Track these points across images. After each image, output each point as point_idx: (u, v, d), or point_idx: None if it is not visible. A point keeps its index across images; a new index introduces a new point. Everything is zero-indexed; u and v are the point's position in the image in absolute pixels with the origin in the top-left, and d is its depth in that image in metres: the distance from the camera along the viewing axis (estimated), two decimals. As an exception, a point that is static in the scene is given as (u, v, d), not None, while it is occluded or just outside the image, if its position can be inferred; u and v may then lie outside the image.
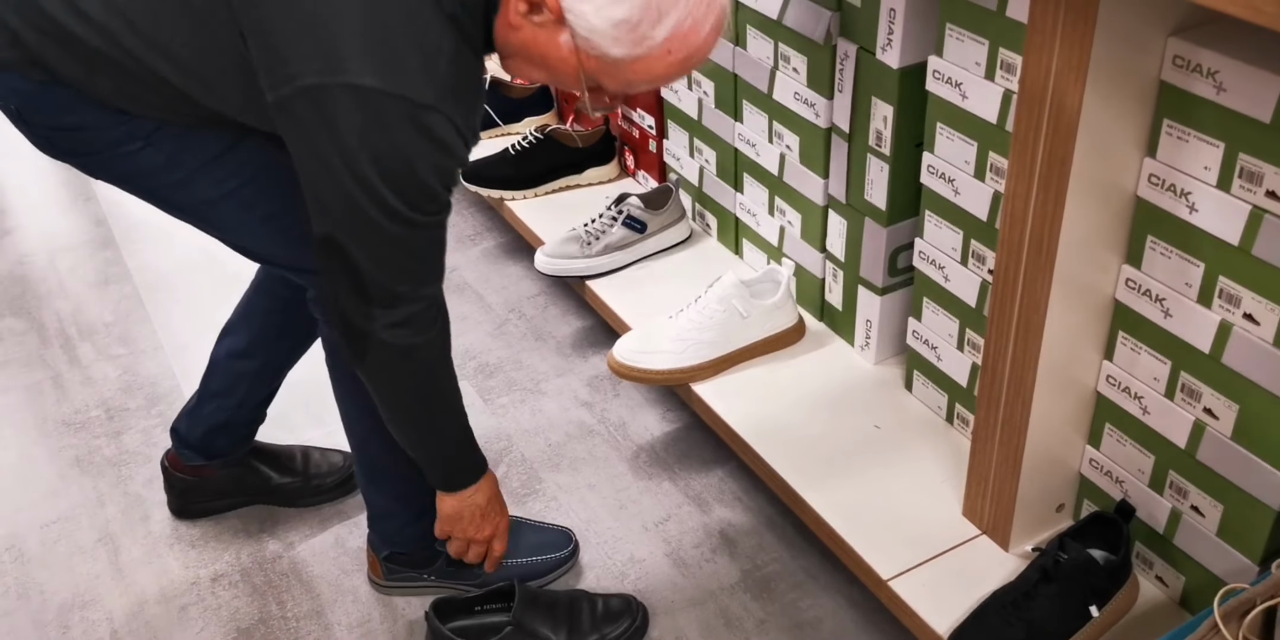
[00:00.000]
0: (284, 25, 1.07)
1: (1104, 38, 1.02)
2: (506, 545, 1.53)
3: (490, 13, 1.12)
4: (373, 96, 1.06)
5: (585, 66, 1.11)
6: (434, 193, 1.15)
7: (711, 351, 1.71)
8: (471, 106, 1.16)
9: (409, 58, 1.07)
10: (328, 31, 1.06)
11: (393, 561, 1.59)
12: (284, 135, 1.13)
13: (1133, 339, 1.26)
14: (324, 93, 1.06)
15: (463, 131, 1.13)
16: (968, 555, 1.45)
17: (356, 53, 1.06)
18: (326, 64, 1.06)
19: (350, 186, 1.10)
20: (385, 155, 1.09)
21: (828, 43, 1.50)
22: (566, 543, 1.64)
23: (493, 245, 2.31)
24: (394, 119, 1.07)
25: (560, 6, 1.07)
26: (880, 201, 1.56)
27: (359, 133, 1.07)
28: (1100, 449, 1.37)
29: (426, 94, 1.08)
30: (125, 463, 1.86)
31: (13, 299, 2.25)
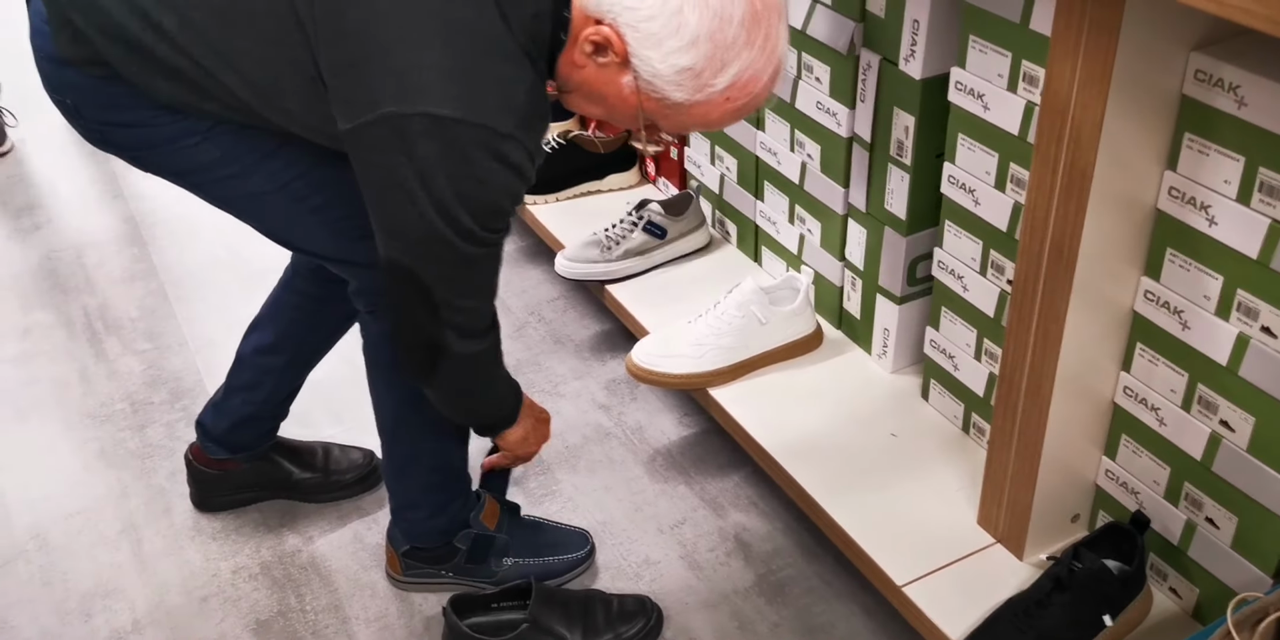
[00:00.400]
0: (365, 55, 1.10)
1: (1126, 52, 1.03)
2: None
3: (555, 49, 1.14)
4: (452, 125, 1.09)
5: (644, 107, 1.14)
6: (505, 212, 1.19)
7: (730, 357, 1.72)
8: (541, 131, 1.19)
9: (489, 89, 1.10)
10: (409, 62, 1.08)
11: (411, 557, 1.61)
12: (356, 160, 1.15)
13: (1150, 351, 1.27)
14: (405, 120, 1.09)
15: (533, 155, 1.17)
16: (982, 563, 1.46)
17: (437, 84, 1.08)
18: (407, 93, 1.08)
19: (427, 209, 1.13)
20: (463, 180, 1.12)
21: (850, 53, 1.51)
22: (583, 544, 1.65)
23: (513, 249, 2.33)
24: (473, 146, 1.10)
25: (626, 50, 1.10)
26: (900, 211, 1.57)
27: (439, 159, 1.10)
28: (1116, 460, 1.38)
29: (506, 123, 1.11)
30: (149, 456, 1.88)
31: (41, 293, 2.29)
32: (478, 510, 1.58)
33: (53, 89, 1.27)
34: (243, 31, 1.15)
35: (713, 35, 1.07)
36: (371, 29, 1.09)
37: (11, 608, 1.63)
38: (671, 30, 1.07)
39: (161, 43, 1.16)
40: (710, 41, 1.08)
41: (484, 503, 1.59)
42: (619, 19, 1.08)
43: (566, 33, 1.12)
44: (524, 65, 1.12)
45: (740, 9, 1.07)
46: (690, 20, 1.06)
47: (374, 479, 1.79)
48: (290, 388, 1.68)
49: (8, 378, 2.06)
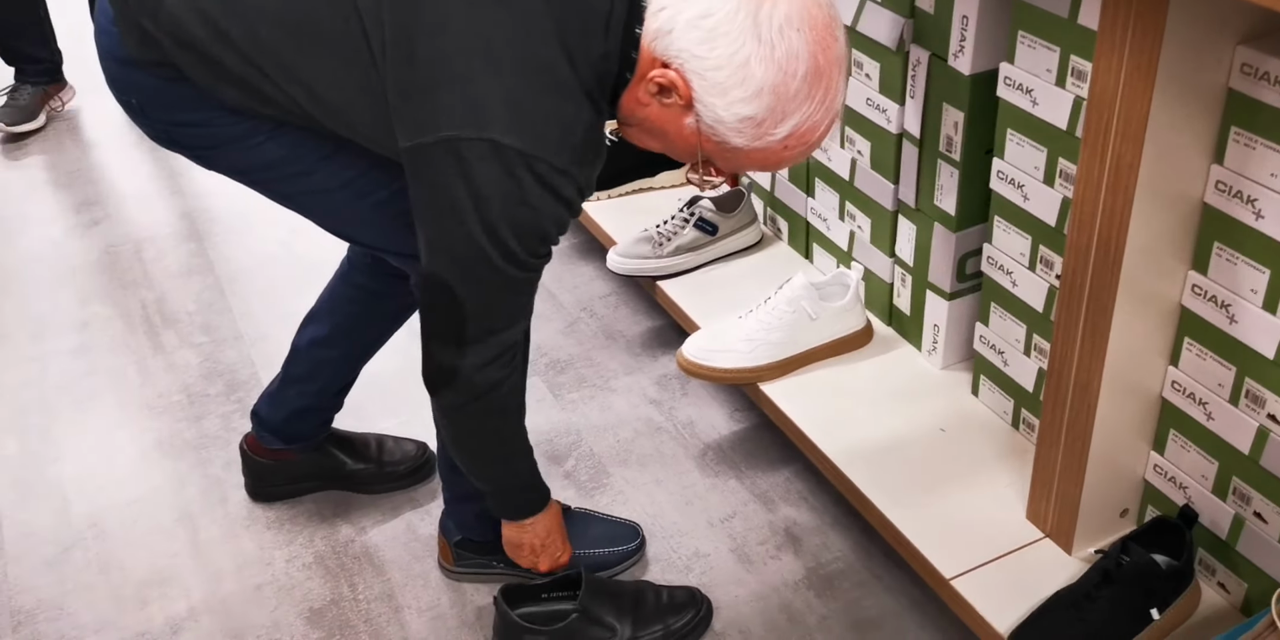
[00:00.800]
0: (434, 82, 1.14)
1: (1172, 45, 1.03)
2: (570, 557, 1.57)
3: (620, 86, 1.18)
4: (513, 154, 1.13)
5: (704, 147, 1.18)
6: (549, 240, 1.23)
7: (780, 352, 1.74)
8: (595, 168, 1.23)
9: (550, 125, 1.15)
10: (478, 93, 1.13)
11: (463, 548, 1.64)
12: (412, 176, 1.20)
13: (1198, 345, 1.27)
14: (466, 145, 1.13)
15: (583, 190, 1.21)
16: (1030, 557, 1.47)
17: (502, 115, 1.13)
18: (472, 120, 1.13)
19: (476, 230, 1.17)
20: (515, 206, 1.16)
21: (900, 49, 1.52)
22: (634, 537, 1.68)
23: (566, 245, 2.37)
24: (529, 176, 1.14)
25: (691, 96, 1.13)
26: (950, 207, 1.58)
27: (495, 185, 1.14)
28: (1164, 455, 1.38)
29: (563, 159, 1.15)
30: (205, 446, 1.94)
31: (100, 287, 2.36)
32: None
33: (119, 89, 1.32)
34: (311, 49, 1.19)
35: (776, 88, 1.11)
36: (442, 58, 1.13)
37: (69, 595, 1.69)
38: (737, 81, 1.10)
39: (229, 52, 1.20)
40: (773, 94, 1.11)
41: None
42: (686, 65, 1.12)
43: (632, 72, 1.16)
44: (584, 105, 1.16)
45: (805, 65, 1.10)
46: (756, 73, 1.10)
47: (427, 470, 1.83)
48: (345, 380, 1.72)
49: (67, 370, 2.13)
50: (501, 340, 1.29)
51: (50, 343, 2.20)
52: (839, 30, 1.14)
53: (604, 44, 1.14)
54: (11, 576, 1.72)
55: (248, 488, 1.82)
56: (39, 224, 2.57)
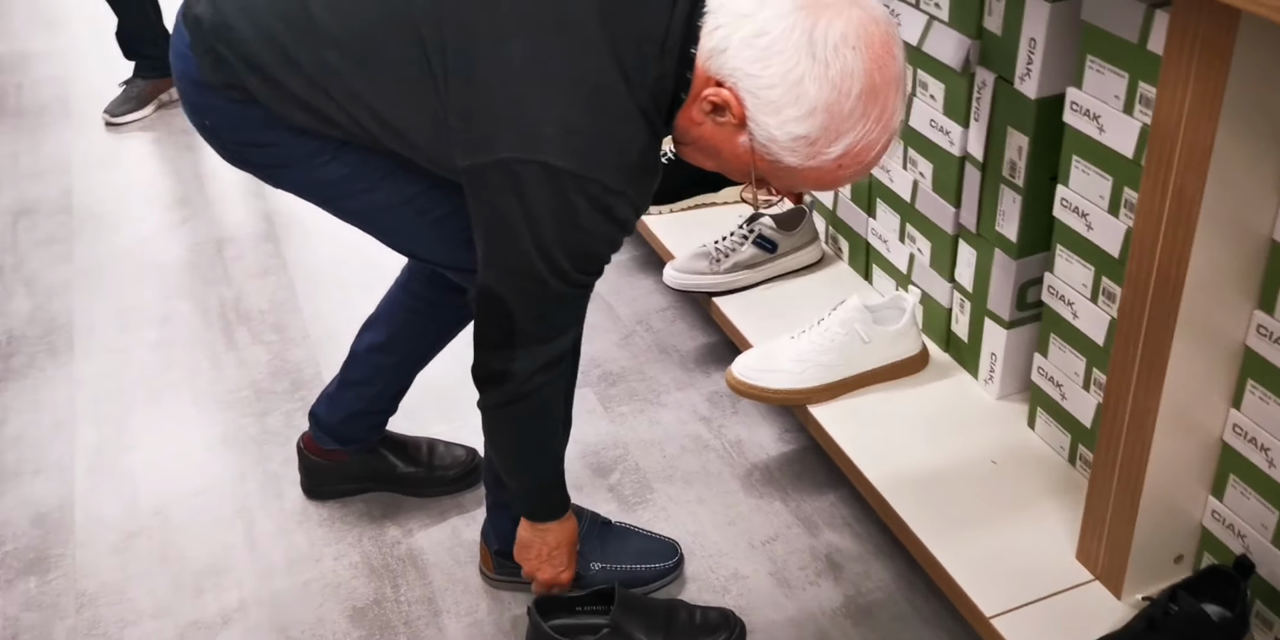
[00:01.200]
0: (492, 103, 1.15)
1: (1240, 74, 0.99)
2: (569, 583, 1.56)
3: (675, 105, 1.18)
4: (566, 177, 1.13)
5: (757, 166, 1.17)
6: (601, 259, 1.23)
7: (831, 374, 1.71)
8: (650, 188, 1.23)
9: (605, 147, 1.15)
10: (533, 115, 1.14)
11: (503, 556, 1.64)
12: (470, 195, 1.21)
13: (1261, 388, 1.21)
14: (522, 166, 1.14)
15: (638, 209, 1.21)
16: (1077, 599, 1.42)
17: (557, 138, 1.13)
18: (527, 143, 1.14)
19: (529, 248, 1.18)
20: (567, 226, 1.17)
21: (966, 71, 1.49)
22: (672, 554, 1.66)
23: (627, 258, 2.36)
24: (582, 198, 1.15)
25: (745, 114, 1.12)
26: (1011, 233, 1.54)
27: (548, 206, 1.15)
28: (1223, 500, 1.32)
29: (618, 181, 1.16)
30: (267, 442, 1.97)
31: (182, 283, 2.42)
32: None
33: (193, 111, 1.35)
34: (376, 73, 1.21)
35: (830, 107, 1.09)
36: (500, 82, 1.14)
37: (130, 580, 1.73)
38: (790, 100, 1.09)
39: (297, 76, 1.23)
40: (827, 113, 1.09)
41: None
42: (740, 84, 1.11)
43: (687, 92, 1.15)
44: (640, 125, 1.16)
45: (860, 83, 1.08)
46: (810, 91, 1.08)
47: (475, 476, 1.84)
48: (400, 385, 1.73)
49: (146, 362, 2.19)
50: (551, 348, 1.30)
51: (133, 335, 2.26)
52: (897, 48, 1.12)
53: (660, 66, 1.14)
54: (79, 560, 1.76)
55: (303, 485, 1.85)
56: (132, 221, 2.65)
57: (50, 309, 2.35)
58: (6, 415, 2.07)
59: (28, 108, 3.19)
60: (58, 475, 1.93)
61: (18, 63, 3.45)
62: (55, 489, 1.90)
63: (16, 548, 1.80)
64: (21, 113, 3.16)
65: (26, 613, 1.68)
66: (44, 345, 2.25)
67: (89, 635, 1.64)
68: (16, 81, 3.34)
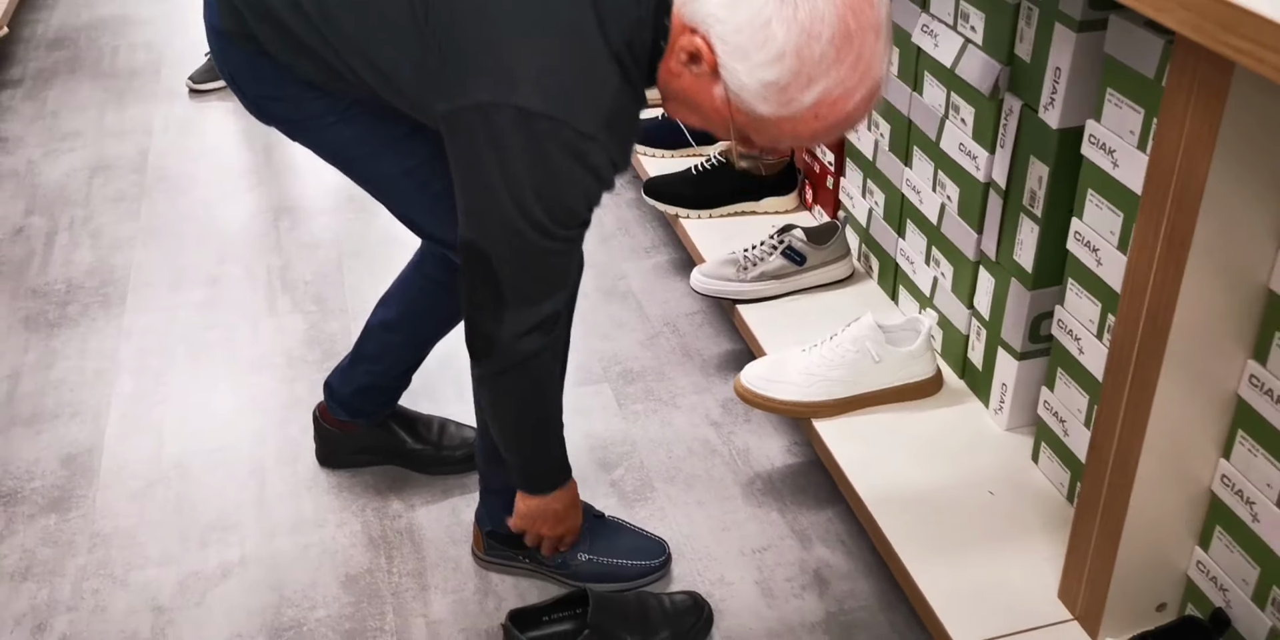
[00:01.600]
0: (470, 47, 1.18)
1: (1235, 115, 0.97)
2: (577, 538, 1.58)
3: (656, 57, 1.18)
4: (538, 120, 1.14)
5: (735, 119, 1.16)
6: (578, 213, 1.23)
7: (838, 390, 1.71)
8: (626, 138, 1.23)
9: (576, 89, 1.16)
10: (507, 57, 1.15)
11: (494, 538, 1.67)
12: (449, 143, 1.23)
13: (1250, 440, 1.19)
14: (495, 110, 1.16)
15: (615, 161, 1.21)
16: (1053, 638, 1.40)
17: (529, 79, 1.15)
18: (501, 85, 1.15)
19: (504, 198, 1.19)
20: (541, 174, 1.18)
21: (994, 96, 1.48)
22: (660, 553, 1.67)
23: (664, 260, 2.38)
24: (553, 143, 1.16)
25: (716, 61, 1.12)
26: (1027, 263, 1.52)
27: (520, 150, 1.16)
28: (1209, 552, 1.29)
29: (588, 124, 1.16)
30: (291, 407, 2.03)
31: (237, 248, 2.50)
32: None
33: (218, 61, 1.41)
34: (367, 19, 1.25)
35: (799, 51, 1.07)
36: (475, 24, 1.16)
37: (143, 527, 1.80)
38: (758, 43, 1.07)
39: (300, 22, 1.28)
40: (796, 57, 1.07)
41: None
42: (710, 30, 1.10)
43: (666, 40, 1.15)
44: (613, 70, 1.16)
45: (831, 27, 1.06)
46: (778, 34, 1.07)
47: None
48: (408, 363, 1.77)
49: (191, 321, 2.27)
50: (539, 310, 1.30)
51: (183, 294, 2.35)
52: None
53: (637, 9, 1.15)
54: (99, 502, 1.84)
55: (318, 453, 1.90)
56: (199, 186, 2.75)
57: (111, 262, 2.45)
58: (54, 359, 2.17)
59: (121, 70, 3.32)
60: (92, 421, 2.02)
61: (119, 27, 3.59)
62: (87, 433, 1.99)
63: (43, 485, 1.88)
64: (115, 74, 3.29)
65: (43, 547, 1.76)
66: (99, 297, 2.34)
67: (96, 575, 1.72)
68: (115, 44, 3.48)
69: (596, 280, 2.34)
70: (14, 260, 2.47)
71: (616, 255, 2.42)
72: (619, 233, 2.50)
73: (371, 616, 1.64)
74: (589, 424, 1.97)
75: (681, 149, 2.38)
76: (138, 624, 1.64)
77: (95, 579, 1.71)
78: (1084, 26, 1.29)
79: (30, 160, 2.87)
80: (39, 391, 2.08)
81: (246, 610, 1.65)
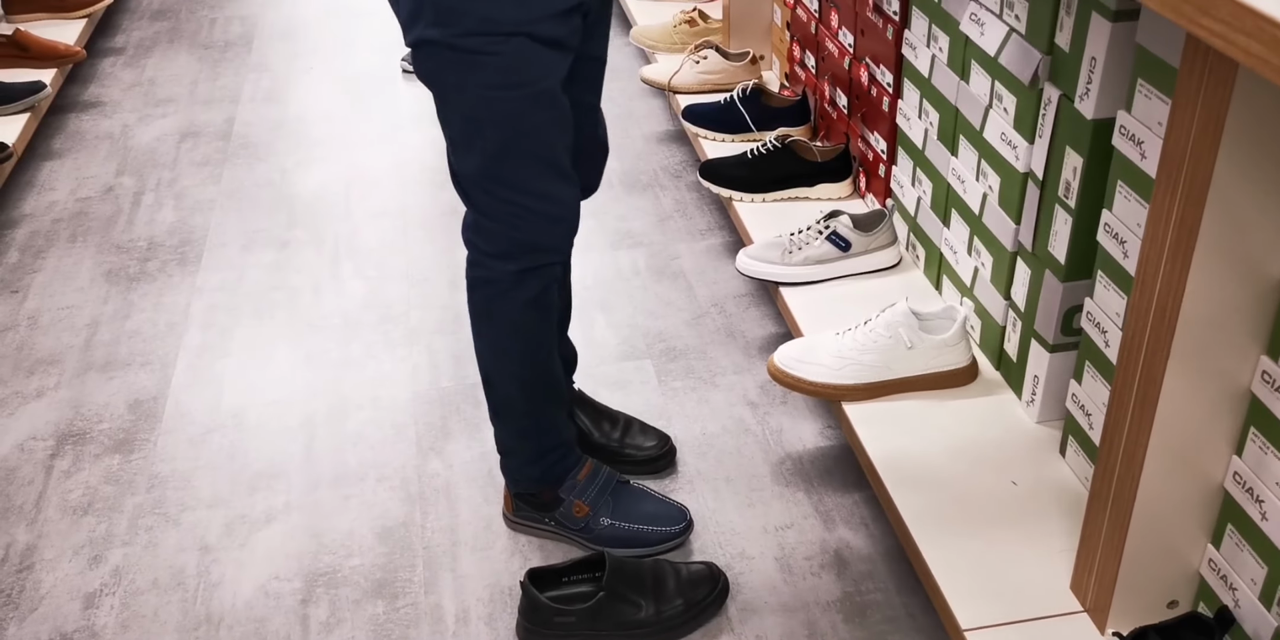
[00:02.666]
0: None
1: (1243, 105, 0.97)
2: None
3: None
4: None
5: None
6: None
7: (869, 375, 1.73)
8: None
9: None
10: None
11: (520, 499, 1.72)
12: None
13: (1262, 437, 1.18)
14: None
15: None
16: (1060, 628, 1.40)
17: None
18: None
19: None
20: None
21: (1034, 86, 1.48)
22: (681, 519, 1.70)
23: (718, 242, 2.41)
24: None
25: None
26: (1060, 254, 1.52)
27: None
28: (1220, 549, 1.29)
29: None
30: (344, 366, 2.12)
31: (308, 214, 2.60)
32: (578, 468, 1.67)
33: None
34: None
35: None
36: None
37: (198, 471, 1.90)
38: None
39: None
40: None
41: (584, 461, 1.69)
42: None
43: None
44: None
45: None
46: None
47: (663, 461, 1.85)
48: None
49: (259, 281, 2.37)
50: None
51: (254, 256, 2.45)
52: None
53: None
54: (160, 446, 1.95)
55: None
56: (277, 154, 2.87)
57: (190, 223, 2.57)
58: (131, 311, 2.28)
59: (216, 41, 3.46)
60: (160, 370, 2.12)
61: (218, 0, 3.73)
62: (155, 381, 2.09)
63: (111, 427, 1.99)
64: (210, 45, 3.43)
65: (105, 485, 1.87)
66: (177, 255, 2.46)
67: (152, 513, 1.82)
68: (213, 17, 3.62)
69: (650, 259, 2.38)
70: (102, 217, 2.60)
71: (672, 236, 2.46)
72: (676, 214, 2.54)
73: (402, 568, 1.71)
74: (626, 397, 2.01)
75: (742, 133, 2.41)
76: (185, 561, 1.73)
77: (150, 517, 1.81)
78: (1119, 16, 1.29)
79: (125, 124, 3.01)
80: (114, 340, 2.20)
81: (285, 554, 1.74)
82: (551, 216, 1.46)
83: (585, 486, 1.67)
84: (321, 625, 1.62)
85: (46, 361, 2.15)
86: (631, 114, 2.97)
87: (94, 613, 1.65)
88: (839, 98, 2.22)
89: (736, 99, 2.42)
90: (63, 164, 2.82)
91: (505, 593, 1.66)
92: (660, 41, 2.87)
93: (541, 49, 1.33)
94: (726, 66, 2.63)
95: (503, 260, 1.48)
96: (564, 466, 1.67)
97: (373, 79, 3.20)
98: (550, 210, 1.45)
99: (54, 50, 2.96)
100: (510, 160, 1.40)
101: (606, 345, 2.15)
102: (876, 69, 2.03)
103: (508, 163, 1.40)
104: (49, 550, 1.75)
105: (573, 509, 1.68)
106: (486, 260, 1.49)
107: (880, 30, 1.98)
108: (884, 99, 2.01)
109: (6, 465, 1.91)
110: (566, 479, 1.67)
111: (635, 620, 1.55)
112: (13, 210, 2.63)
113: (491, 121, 1.37)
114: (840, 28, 2.17)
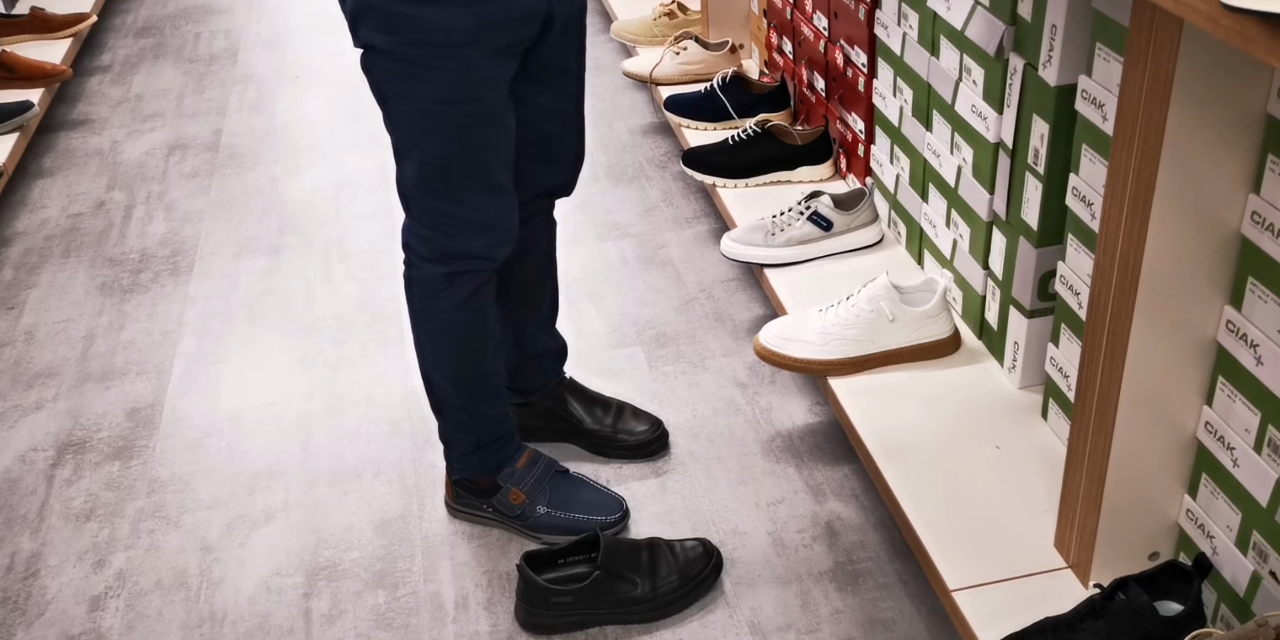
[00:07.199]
0: None
1: (1190, 62, 1.00)
2: None
3: None
4: None
5: None
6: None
7: (853, 349, 1.75)
8: None
9: None
10: None
11: (460, 487, 1.74)
12: None
13: (1229, 385, 1.21)
14: None
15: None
16: (1045, 585, 1.43)
17: None
18: None
19: None
20: None
21: (999, 57, 1.51)
22: (617, 509, 1.71)
23: (704, 230, 2.44)
24: None
25: None
26: (1033, 221, 1.55)
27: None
28: (1196, 499, 1.31)
29: None
30: (339, 366, 2.15)
31: (297, 220, 2.63)
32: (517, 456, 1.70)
33: None
34: None
35: None
36: None
37: (197, 473, 1.92)
38: None
39: None
40: None
41: (523, 450, 1.71)
42: None
43: None
44: None
45: None
46: None
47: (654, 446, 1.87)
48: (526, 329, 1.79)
49: (252, 286, 2.40)
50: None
51: (246, 263, 2.48)
52: None
53: None
54: (159, 451, 1.98)
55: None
56: (265, 163, 2.89)
57: (182, 234, 2.60)
58: (125, 322, 2.31)
59: (201, 55, 3.49)
60: (156, 378, 2.15)
61: (202, 15, 3.77)
62: (152, 389, 2.12)
63: (110, 435, 2.02)
64: (195, 59, 3.46)
65: (106, 491, 1.90)
66: (169, 265, 2.49)
67: (153, 516, 1.84)
68: (197, 31, 3.65)
69: (638, 249, 2.41)
70: (94, 232, 2.63)
71: (659, 225, 2.49)
72: (662, 204, 2.57)
73: (402, 558, 1.74)
74: (619, 384, 2.04)
75: (723, 121, 2.44)
76: (187, 561, 1.76)
77: (151, 520, 1.84)
78: (1074, -18, 1.32)
79: (114, 140, 3.04)
80: (110, 351, 2.23)
81: (286, 551, 1.76)
82: (483, 227, 1.49)
83: (523, 475, 1.70)
84: (324, 617, 1.65)
85: (44, 374, 2.17)
86: (616, 108, 3.00)
87: (99, 615, 1.67)
88: (816, 81, 2.25)
89: (717, 87, 2.45)
90: (54, 181, 2.85)
91: (503, 578, 1.69)
92: (641, 35, 2.90)
93: (488, 61, 1.35)
94: (707, 57, 2.66)
95: (434, 263, 1.51)
96: (503, 456, 1.69)
97: (357, 85, 3.22)
98: (483, 221, 1.48)
99: (41, 70, 2.99)
100: (447, 173, 1.43)
101: (597, 334, 2.17)
102: (851, 50, 2.06)
103: (444, 175, 1.43)
104: (53, 557, 1.78)
105: (509, 496, 1.70)
106: (419, 262, 1.53)
107: (853, 11, 2.01)
108: (860, 80, 2.04)
109: (9, 476, 1.94)
110: (505, 467, 1.69)
111: (632, 597, 1.58)
112: (6, 229, 2.67)
113: (433, 133, 1.40)
114: (815, 12, 2.20)
